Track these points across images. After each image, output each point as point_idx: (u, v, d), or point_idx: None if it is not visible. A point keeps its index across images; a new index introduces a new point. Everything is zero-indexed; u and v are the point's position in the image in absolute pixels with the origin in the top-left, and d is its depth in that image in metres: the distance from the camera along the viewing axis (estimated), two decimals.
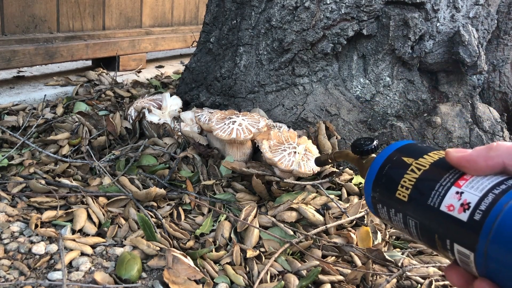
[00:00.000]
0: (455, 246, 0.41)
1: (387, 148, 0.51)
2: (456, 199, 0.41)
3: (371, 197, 0.51)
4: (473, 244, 0.38)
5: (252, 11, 1.22)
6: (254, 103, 1.22)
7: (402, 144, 0.51)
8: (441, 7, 1.17)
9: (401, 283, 0.78)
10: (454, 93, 1.27)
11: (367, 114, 1.19)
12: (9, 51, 1.54)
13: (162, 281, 0.73)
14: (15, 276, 0.71)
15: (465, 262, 0.40)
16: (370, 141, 0.60)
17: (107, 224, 0.87)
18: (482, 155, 0.41)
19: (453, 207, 0.40)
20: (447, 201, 0.41)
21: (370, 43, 1.19)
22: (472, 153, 0.41)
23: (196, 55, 1.41)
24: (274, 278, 0.78)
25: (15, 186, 0.96)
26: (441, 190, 0.42)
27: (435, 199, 0.42)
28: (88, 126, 1.20)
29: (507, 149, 0.40)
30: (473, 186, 0.40)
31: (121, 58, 2.02)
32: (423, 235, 0.45)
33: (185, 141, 1.13)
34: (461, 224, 0.39)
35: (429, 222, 0.43)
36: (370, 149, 0.59)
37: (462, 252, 0.40)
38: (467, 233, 0.39)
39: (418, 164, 0.46)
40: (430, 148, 0.49)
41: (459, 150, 0.43)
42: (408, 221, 0.46)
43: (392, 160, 0.49)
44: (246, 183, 1.02)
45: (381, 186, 0.49)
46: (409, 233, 0.47)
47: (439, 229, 0.42)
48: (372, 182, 0.50)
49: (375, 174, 0.50)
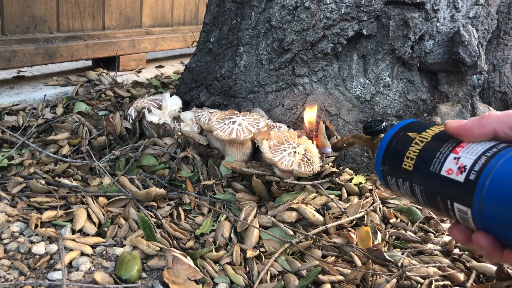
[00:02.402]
0: (455, 205, 0.46)
1: (394, 126, 0.58)
2: (454, 164, 0.46)
3: (381, 170, 0.57)
4: (469, 201, 0.44)
5: (252, 11, 1.22)
6: (254, 103, 1.22)
7: (407, 122, 0.57)
8: (441, 7, 1.17)
9: (401, 283, 0.78)
10: (454, 93, 1.27)
11: (367, 114, 1.19)
12: (9, 51, 1.54)
13: (162, 281, 0.73)
14: (15, 276, 0.71)
15: (464, 218, 0.46)
16: (380, 122, 0.66)
17: (107, 224, 0.87)
18: (476, 123, 0.47)
19: (452, 170, 0.46)
20: (446, 166, 0.47)
21: (370, 43, 1.19)
22: (467, 122, 0.48)
23: (196, 55, 1.41)
24: (274, 278, 0.78)
25: (15, 186, 0.96)
26: (441, 158, 0.48)
27: (436, 166, 0.48)
28: (88, 126, 1.20)
29: (498, 117, 0.46)
30: (469, 151, 0.46)
31: (121, 58, 2.02)
32: (428, 199, 0.50)
33: (185, 141, 1.13)
34: (458, 185, 0.45)
35: (432, 187, 0.49)
36: (380, 129, 0.66)
37: (461, 210, 0.45)
38: (464, 192, 0.44)
39: (421, 137, 0.52)
40: (432, 124, 0.55)
41: (456, 121, 0.49)
42: (414, 188, 0.52)
43: (398, 136, 0.56)
44: (246, 183, 1.02)
45: (389, 160, 0.56)
46: (416, 199, 0.53)
47: (440, 191, 0.48)
48: (382, 157, 0.57)
49: (383, 149, 0.57)
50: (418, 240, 0.91)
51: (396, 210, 1.01)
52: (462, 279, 0.80)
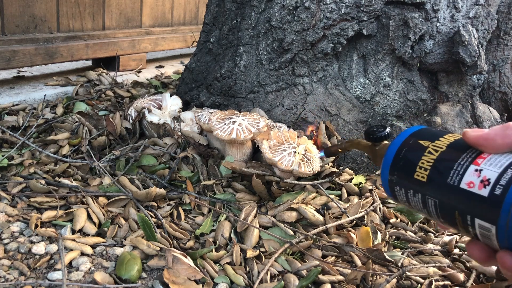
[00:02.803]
0: (476, 221, 0.43)
1: (402, 133, 0.54)
2: (475, 176, 0.43)
3: (389, 180, 0.53)
4: (494, 217, 0.40)
5: (252, 11, 1.22)
6: (254, 103, 1.22)
7: (416, 129, 0.53)
8: (441, 7, 1.17)
9: (401, 283, 0.78)
10: (454, 93, 1.27)
11: (367, 114, 1.19)
12: (9, 51, 1.54)
13: (162, 281, 0.73)
14: (15, 276, 0.71)
15: (486, 236, 0.42)
16: (382, 128, 0.62)
17: (107, 224, 0.87)
18: (499, 134, 0.43)
19: (473, 184, 0.42)
20: (466, 178, 0.43)
21: (370, 43, 1.19)
22: (489, 132, 0.44)
23: (196, 55, 1.41)
24: (274, 278, 0.78)
25: (15, 186, 0.96)
26: (460, 169, 0.44)
27: (455, 178, 0.45)
28: (88, 126, 1.20)
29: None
30: (492, 163, 0.42)
31: (121, 58, 2.02)
32: (443, 213, 0.47)
33: (185, 141, 1.13)
34: (482, 200, 0.41)
35: (449, 200, 0.45)
36: (384, 136, 0.62)
37: (483, 226, 0.42)
38: (488, 208, 0.41)
39: (435, 146, 0.49)
40: (444, 132, 0.51)
41: (476, 130, 0.45)
42: (427, 201, 0.48)
43: (408, 144, 0.52)
44: (246, 183, 1.02)
45: (399, 169, 0.52)
46: (428, 212, 0.49)
47: (459, 205, 0.44)
48: (390, 166, 0.53)
49: (392, 158, 0.53)
50: (418, 240, 0.91)
51: (396, 210, 1.01)
52: (462, 279, 0.80)
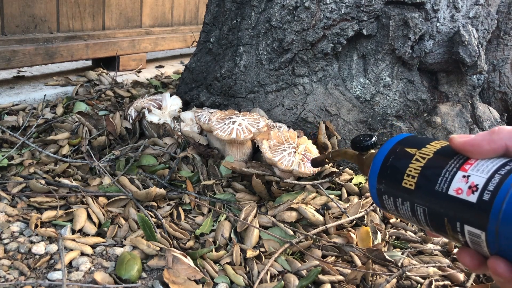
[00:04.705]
0: (466, 228, 0.42)
1: (388, 141, 0.53)
2: (463, 183, 0.42)
3: (376, 189, 0.52)
4: (484, 223, 0.39)
5: (252, 11, 1.22)
6: (254, 103, 1.22)
7: (403, 137, 0.53)
8: (441, 7, 1.17)
9: (401, 283, 0.78)
10: (454, 93, 1.27)
11: (367, 114, 1.19)
12: (9, 51, 1.54)
13: (162, 281, 0.73)
14: (15, 276, 0.71)
15: (476, 242, 0.42)
16: (369, 137, 0.62)
17: (107, 224, 0.87)
18: (486, 139, 0.42)
19: (461, 190, 0.42)
20: (454, 185, 0.43)
21: (370, 43, 1.19)
22: (475, 138, 0.43)
23: (196, 55, 1.41)
24: (274, 278, 0.78)
25: (15, 186, 0.96)
26: (447, 176, 0.44)
27: (443, 184, 0.44)
28: (88, 126, 1.20)
29: (509, 132, 0.42)
30: (479, 169, 0.42)
31: (121, 58, 2.02)
32: (432, 221, 0.46)
33: (185, 141, 1.13)
34: (470, 206, 0.41)
35: (438, 207, 0.44)
36: (370, 145, 0.61)
37: (473, 233, 0.41)
38: (477, 214, 0.40)
39: (422, 154, 0.48)
40: (430, 139, 0.51)
41: (463, 135, 0.44)
42: (416, 209, 0.47)
43: (395, 152, 0.51)
44: (246, 183, 1.02)
45: (386, 178, 0.51)
46: (417, 220, 0.48)
47: (448, 212, 0.43)
48: (377, 175, 0.51)
49: (379, 166, 0.51)
50: (418, 240, 0.91)
51: None
52: (462, 279, 0.80)
